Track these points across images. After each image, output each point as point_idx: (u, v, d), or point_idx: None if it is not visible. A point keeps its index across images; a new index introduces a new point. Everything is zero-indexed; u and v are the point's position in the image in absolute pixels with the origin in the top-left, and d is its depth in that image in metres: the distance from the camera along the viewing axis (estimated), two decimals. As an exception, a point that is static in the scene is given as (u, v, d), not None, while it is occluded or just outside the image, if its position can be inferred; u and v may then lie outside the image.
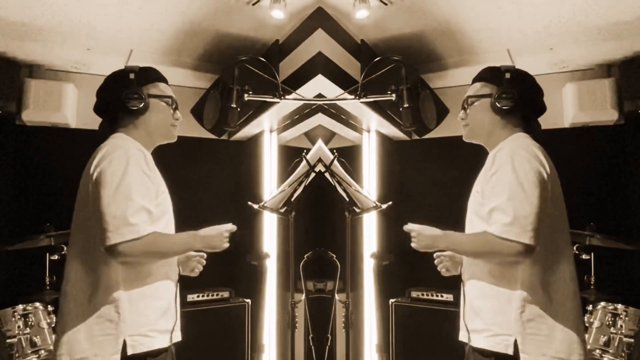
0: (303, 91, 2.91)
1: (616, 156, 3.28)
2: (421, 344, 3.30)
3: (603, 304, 2.65)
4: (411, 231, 1.75)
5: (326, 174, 2.48)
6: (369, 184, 3.78)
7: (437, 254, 1.81)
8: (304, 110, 3.43)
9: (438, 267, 1.91)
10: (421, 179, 3.78)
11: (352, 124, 3.70)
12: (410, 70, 2.29)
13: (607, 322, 2.58)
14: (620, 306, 2.58)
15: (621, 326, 2.53)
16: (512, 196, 1.56)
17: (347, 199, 2.54)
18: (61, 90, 3.22)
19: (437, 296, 3.33)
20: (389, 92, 2.28)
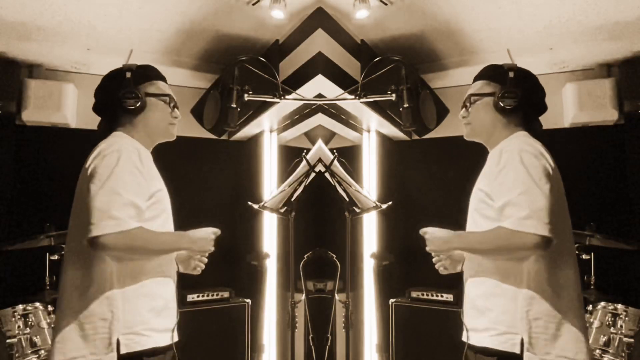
0: (303, 91, 2.91)
1: (616, 156, 3.28)
2: (421, 344, 3.30)
3: (603, 304, 2.65)
4: (425, 234, 1.74)
5: (326, 174, 2.48)
6: (369, 184, 3.77)
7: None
8: (304, 110, 3.42)
9: (436, 266, 1.89)
10: (421, 179, 3.78)
11: (352, 124, 3.70)
12: (410, 70, 2.29)
13: (607, 322, 2.58)
14: (620, 306, 2.59)
15: (621, 326, 2.53)
16: (525, 190, 1.54)
17: (347, 199, 2.53)
18: (61, 90, 3.22)
19: (437, 296, 3.33)
20: (389, 92, 2.27)
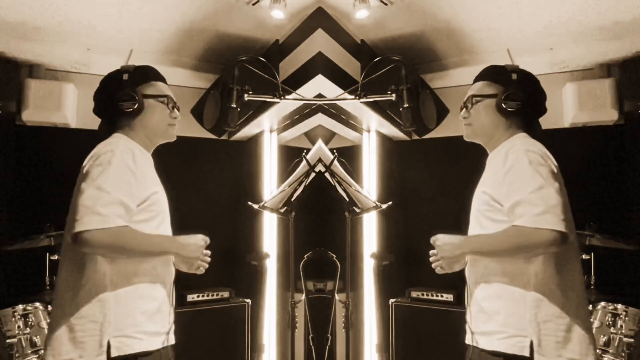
0: (303, 91, 2.91)
1: (616, 156, 3.27)
2: (421, 344, 3.30)
3: (603, 304, 2.65)
4: (436, 241, 1.72)
5: (326, 174, 2.48)
6: (369, 184, 3.77)
7: (432, 251, 1.76)
8: (304, 110, 3.42)
9: (433, 265, 1.83)
10: (421, 179, 3.78)
11: (352, 124, 3.70)
12: (410, 70, 2.29)
13: (607, 322, 2.59)
14: (620, 306, 2.59)
15: (621, 326, 2.53)
16: (537, 188, 1.53)
17: (347, 199, 2.53)
18: (61, 90, 3.22)
19: (437, 296, 3.33)
20: (389, 92, 2.27)
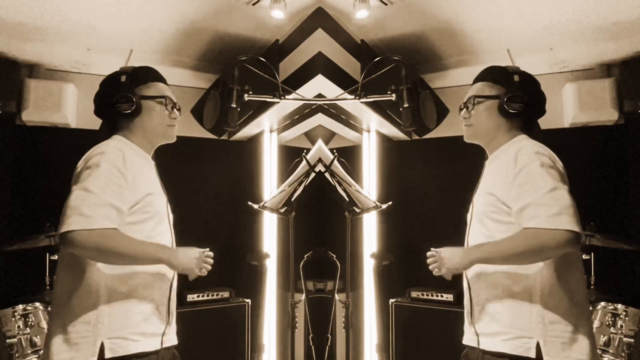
0: (303, 91, 2.91)
1: (616, 156, 3.27)
2: (421, 344, 3.30)
3: (603, 304, 2.65)
4: (440, 253, 1.66)
5: (326, 174, 2.48)
6: (369, 184, 3.77)
7: (429, 253, 1.73)
8: (304, 110, 3.43)
9: (430, 267, 1.79)
10: (421, 179, 3.78)
11: (352, 124, 3.70)
12: (410, 70, 2.28)
13: (607, 322, 2.59)
14: (620, 306, 2.59)
15: (621, 326, 2.53)
16: (551, 189, 1.53)
17: (347, 199, 2.54)
18: (61, 90, 3.22)
19: (437, 296, 3.33)
20: (389, 92, 2.26)
